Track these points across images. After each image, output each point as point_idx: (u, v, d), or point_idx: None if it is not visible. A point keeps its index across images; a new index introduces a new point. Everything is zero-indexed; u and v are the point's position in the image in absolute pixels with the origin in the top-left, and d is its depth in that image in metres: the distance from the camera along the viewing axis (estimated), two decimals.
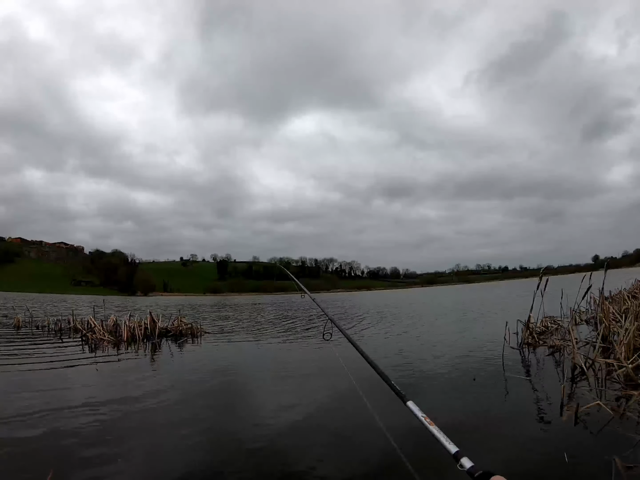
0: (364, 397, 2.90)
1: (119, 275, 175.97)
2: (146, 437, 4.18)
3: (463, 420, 4.32)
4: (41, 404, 5.28)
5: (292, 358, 8.75)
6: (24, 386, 6.30)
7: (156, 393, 5.87)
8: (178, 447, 3.88)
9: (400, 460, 1.61)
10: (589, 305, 12.12)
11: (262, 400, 5.71)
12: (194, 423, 4.61)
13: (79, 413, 4.91)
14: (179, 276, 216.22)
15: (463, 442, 3.30)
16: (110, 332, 12.04)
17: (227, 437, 4.19)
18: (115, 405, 5.23)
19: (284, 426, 4.41)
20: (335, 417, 4.70)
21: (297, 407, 5.12)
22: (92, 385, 6.45)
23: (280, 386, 6.37)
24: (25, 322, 16.19)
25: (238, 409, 5.21)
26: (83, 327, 13.15)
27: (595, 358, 5.96)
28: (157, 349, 10.39)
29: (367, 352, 2.49)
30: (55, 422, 4.59)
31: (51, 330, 14.29)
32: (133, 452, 3.78)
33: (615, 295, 12.31)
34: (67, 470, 3.35)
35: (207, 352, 10.09)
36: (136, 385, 6.40)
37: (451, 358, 7.70)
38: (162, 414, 4.94)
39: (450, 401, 5.13)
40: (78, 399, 5.51)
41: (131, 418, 4.77)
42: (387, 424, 2.65)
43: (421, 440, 3.29)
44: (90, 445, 3.91)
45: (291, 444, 3.93)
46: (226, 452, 3.79)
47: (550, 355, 7.46)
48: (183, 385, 6.44)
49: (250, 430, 4.35)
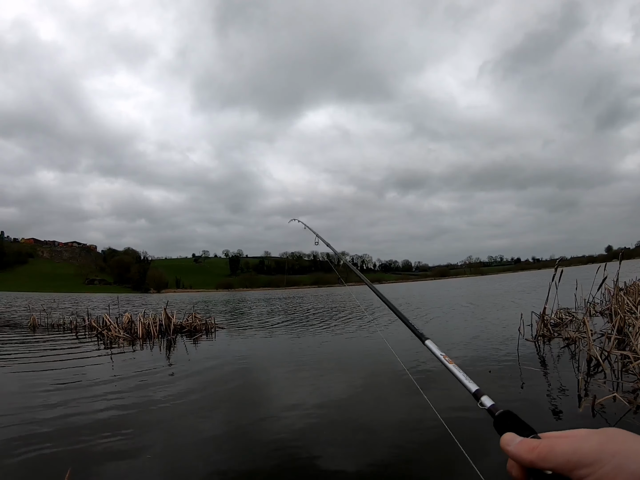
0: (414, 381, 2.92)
1: (131, 273, 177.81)
2: (165, 434, 4.24)
3: (479, 414, 4.32)
4: (57, 402, 5.40)
5: (306, 350, 8.79)
6: (41, 385, 6.42)
7: (173, 389, 5.95)
8: (197, 444, 3.93)
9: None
10: (603, 296, 12.00)
11: (279, 394, 5.76)
12: (213, 418, 4.67)
13: (96, 410, 4.99)
14: (191, 273, 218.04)
15: (482, 434, 3.30)
16: (125, 329, 12.21)
17: (247, 432, 4.23)
18: (132, 403, 5.31)
19: (304, 421, 4.45)
20: (356, 412, 4.73)
21: (311, 400, 5.15)
22: (108, 382, 6.54)
23: (296, 380, 6.42)
24: (40, 321, 16.45)
25: (256, 403, 5.25)
26: (98, 325, 13.35)
27: (611, 350, 5.91)
28: (173, 345, 10.51)
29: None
30: (71, 419, 4.68)
31: (67, 329, 14.52)
32: (152, 449, 3.84)
33: (629, 286, 12.15)
34: (84, 468, 3.41)
35: (222, 347, 10.19)
36: (153, 382, 6.48)
37: (466, 351, 7.68)
38: (179, 410, 5.00)
39: (466, 393, 5.12)
40: (95, 397, 5.61)
41: (149, 415, 4.84)
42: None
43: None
44: (108, 442, 3.97)
45: (313, 439, 3.97)
46: (247, 447, 3.83)
47: (566, 347, 7.41)
48: (200, 380, 6.51)
49: (271, 424, 4.39)
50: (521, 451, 0.62)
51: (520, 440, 0.64)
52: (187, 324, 13.11)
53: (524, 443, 0.63)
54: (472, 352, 7.56)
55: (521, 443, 0.63)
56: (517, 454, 0.62)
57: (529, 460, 0.60)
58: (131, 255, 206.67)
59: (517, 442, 0.64)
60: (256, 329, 13.79)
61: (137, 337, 11.61)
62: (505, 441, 0.66)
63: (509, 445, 0.64)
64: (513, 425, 0.68)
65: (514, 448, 0.63)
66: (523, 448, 0.62)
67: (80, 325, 14.61)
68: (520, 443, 0.63)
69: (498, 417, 0.72)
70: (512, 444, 0.64)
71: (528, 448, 0.61)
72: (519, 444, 0.63)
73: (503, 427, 0.69)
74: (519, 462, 0.63)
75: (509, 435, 0.66)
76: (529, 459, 0.61)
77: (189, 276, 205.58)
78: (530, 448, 0.61)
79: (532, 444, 0.61)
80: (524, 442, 0.63)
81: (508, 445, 0.64)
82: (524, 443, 0.63)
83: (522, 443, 0.63)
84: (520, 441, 0.64)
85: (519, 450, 0.62)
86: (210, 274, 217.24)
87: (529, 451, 0.61)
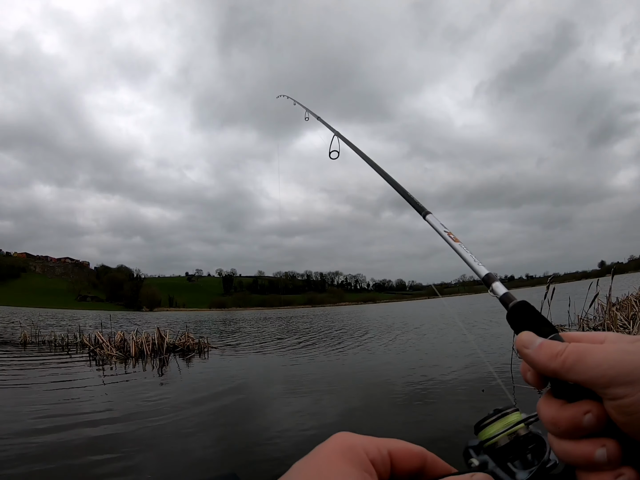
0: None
1: (124, 290, 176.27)
2: (158, 453, 4.19)
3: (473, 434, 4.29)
4: (50, 420, 5.31)
5: (299, 371, 8.73)
6: (33, 402, 6.31)
7: (166, 408, 5.88)
8: (192, 465, 3.89)
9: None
10: (596, 312, 12.05)
11: (271, 414, 5.71)
12: (206, 439, 4.62)
13: (88, 429, 4.93)
14: (184, 291, 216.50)
15: None
16: (118, 347, 12.07)
17: (239, 451, 4.20)
18: (125, 422, 5.24)
19: (298, 440, 4.42)
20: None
21: (308, 420, 5.12)
22: (101, 401, 6.46)
23: (289, 400, 6.37)
24: (31, 337, 16.15)
25: (248, 423, 5.21)
26: (90, 342, 13.19)
27: None
28: (165, 365, 10.40)
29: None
30: (64, 438, 4.60)
31: (58, 346, 14.33)
32: (145, 469, 3.79)
33: (622, 301, 12.21)
34: None
35: (215, 367, 10.10)
36: (146, 401, 6.41)
37: (458, 369, 7.67)
38: (173, 429, 4.94)
39: (459, 412, 5.11)
40: (88, 416, 5.54)
41: (142, 434, 4.77)
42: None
43: None
44: (101, 464, 3.91)
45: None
46: (241, 466, 3.80)
47: None
48: (192, 400, 6.44)
49: (264, 444, 4.36)
50: (542, 357, 0.48)
51: (541, 342, 0.50)
52: (180, 343, 12.98)
53: (546, 347, 0.49)
54: (464, 370, 7.55)
55: (542, 346, 0.49)
56: (537, 359, 0.49)
57: (552, 370, 0.47)
58: (124, 273, 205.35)
59: (537, 345, 0.49)
60: (249, 349, 13.72)
61: (129, 355, 11.48)
62: (523, 342, 0.51)
63: (528, 348, 0.50)
64: (530, 319, 0.55)
65: (533, 352, 0.49)
66: (544, 353, 0.48)
67: (72, 342, 14.42)
68: (541, 346, 0.49)
69: (513, 308, 0.58)
70: (531, 347, 0.50)
71: (551, 354, 0.48)
72: (539, 347, 0.49)
73: (518, 321, 0.56)
74: (538, 370, 0.49)
75: (527, 335, 0.51)
76: (551, 368, 0.47)
77: (182, 294, 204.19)
78: (553, 354, 0.47)
79: (556, 349, 0.47)
80: (546, 346, 0.49)
81: (526, 348, 0.50)
82: (545, 347, 0.49)
83: (544, 346, 0.49)
84: (541, 343, 0.49)
85: (539, 356, 0.49)
86: (203, 292, 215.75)
87: (551, 358, 0.47)
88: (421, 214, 0.93)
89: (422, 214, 0.92)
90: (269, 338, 17.27)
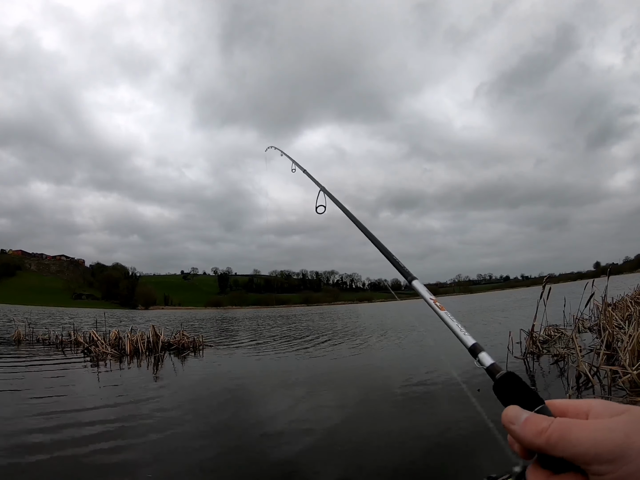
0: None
1: (120, 288, 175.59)
2: (154, 452, 4.17)
3: (471, 431, 4.30)
4: (44, 418, 5.27)
5: (293, 368, 8.71)
6: (26, 401, 6.27)
7: (162, 406, 5.86)
8: (191, 463, 3.86)
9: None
10: (592, 312, 12.08)
11: (266, 411, 5.69)
12: (202, 437, 4.60)
13: (83, 429, 4.87)
14: (180, 290, 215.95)
15: (476, 452, 3.28)
16: (112, 345, 12.02)
17: (236, 449, 4.18)
18: (121, 420, 5.20)
19: (295, 437, 4.40)
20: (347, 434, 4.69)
21: (300, 418, 5.10)
22: (97, 399, 6.41)
23: (284, 397, 6.35)
24: (26, 335, 16.05)
25: (244, 421, 5.19)
26: (85, 340, 13.12)
27: (600, 365, 5.94)
28: (160, 363, 10.36)
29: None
30: (61, 436, 4.57)
31: (52, 344, 14.24)
32: (141, 468, 3.76)
33: (617, 301, 12.27)
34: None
35: (210, 365, 10.08)
36: (141, 398, 6.37)
37: (455, 368, 7.65)
38: (169, 427, 4.92)
39: (455, 413, 5.10)
40: (82, 413, 5.49)
41: (138, 432, 4.75)
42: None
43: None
44: (98, 463, 3.88)
45: (305, 460, 3.92)
46: (236, 464, 3.78)
47: (555, 363, 7.43)
48: (188, 398, 6.43)
49: (258, 441, 4.34)
50: (527, 434, 0.50)
51: (526, 418, 0.51)
52: (175, 341, 12.93)
53: (532, 423, 0.50)
54: (460, 370, 7.53)
55: (528, 422, 0.51)
56: (523, 436, 0.50)
57: (537, 446, 0.49)
58: (120, 271, 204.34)
59: (523, 420, 0.51)
60: (244, 347, 13.70)
61: (124, 353, 11.43)
62: (509, 418, 0.53)
63: (514, 424, 0.52)
64: (517, 391, 0.57)
65: (519, 428, 0.51)
66: (530, 430, 0.50)
67: (67, 340, 14.35)
68: (527, 422, 0.51)
69: (499, 380, 0.60)
70: (517, 422, 0.52)
71: (536, 431, 0.49)
72: (525, 423, 0.51)
73: (505, 393, 0.58)
74: (524, 446, 0.51)
75: (513, 411, 0.53)
76: (536, 444, 0.49)
77: (178, 293, 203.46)
78: (538, 431, 0.49)
79: (541, 426, 0.49)
80: (532, 422, 0.51)
81: (512, 424, 0.52)
82: (531, 423, 0.51)
83: (529, 422, 0.51)
84: (527, 419, 0.51)
85: (524, 432, 0.50)
86: (199, 291, 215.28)
87: (536, 435, 0.49)
88: (407, 279, 0.97)
89: (408, 279, 0.96)
90: (264, 336, 17.25)
